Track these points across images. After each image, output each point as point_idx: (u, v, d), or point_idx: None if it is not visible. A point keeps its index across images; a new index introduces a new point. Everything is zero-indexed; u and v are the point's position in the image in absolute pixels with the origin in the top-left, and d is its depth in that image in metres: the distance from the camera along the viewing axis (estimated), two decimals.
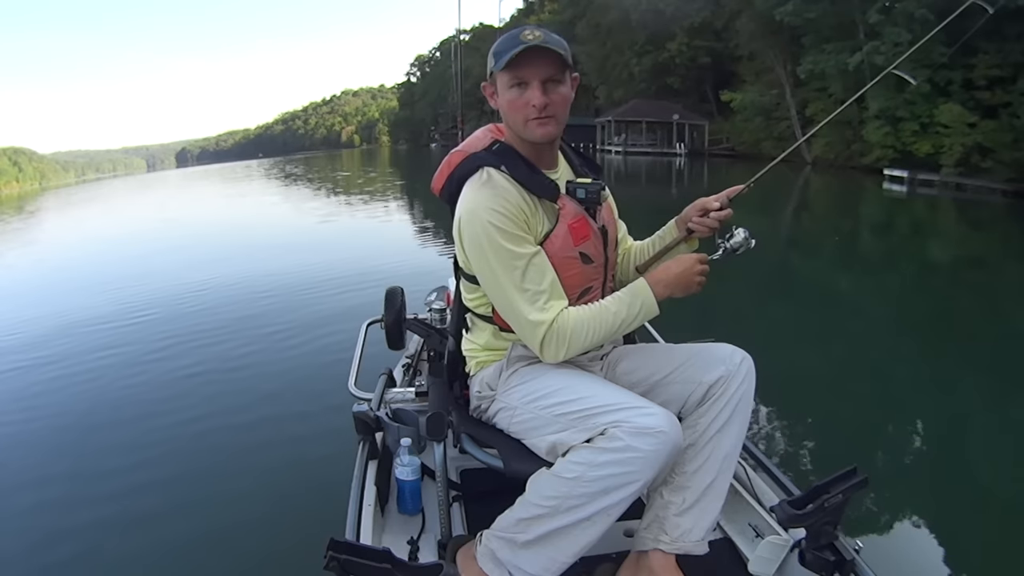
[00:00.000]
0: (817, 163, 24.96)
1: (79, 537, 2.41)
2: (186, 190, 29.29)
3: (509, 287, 1.24)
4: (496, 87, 1.31)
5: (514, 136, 1.34)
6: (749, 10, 26.82)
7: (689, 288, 1.30)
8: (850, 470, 1.34)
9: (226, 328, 5.03)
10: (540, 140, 1.30)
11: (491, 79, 1.31)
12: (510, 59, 1.22)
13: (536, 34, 1.24)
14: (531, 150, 1.33)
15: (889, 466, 2.93)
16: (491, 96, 1.33)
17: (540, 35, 1.23)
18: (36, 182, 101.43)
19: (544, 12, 53.41)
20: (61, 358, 4.52)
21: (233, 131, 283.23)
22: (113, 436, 3.26)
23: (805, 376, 4.06)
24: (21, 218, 23.17)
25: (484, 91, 1.35)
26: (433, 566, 1.17)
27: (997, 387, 3.96)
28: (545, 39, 1.23)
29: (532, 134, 1.29)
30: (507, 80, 1.26)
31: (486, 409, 1.41)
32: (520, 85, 1.26)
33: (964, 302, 6.50)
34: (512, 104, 1.27)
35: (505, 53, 1.24)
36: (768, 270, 7.29)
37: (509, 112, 1.29)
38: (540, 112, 1.25)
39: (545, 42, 1.22)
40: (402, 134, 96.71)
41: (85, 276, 8.23)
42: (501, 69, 1.25)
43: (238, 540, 2.34)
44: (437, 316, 2.32)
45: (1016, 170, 15.87)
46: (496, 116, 1.43)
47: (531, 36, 1.23)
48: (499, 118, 1.41)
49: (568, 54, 1.26)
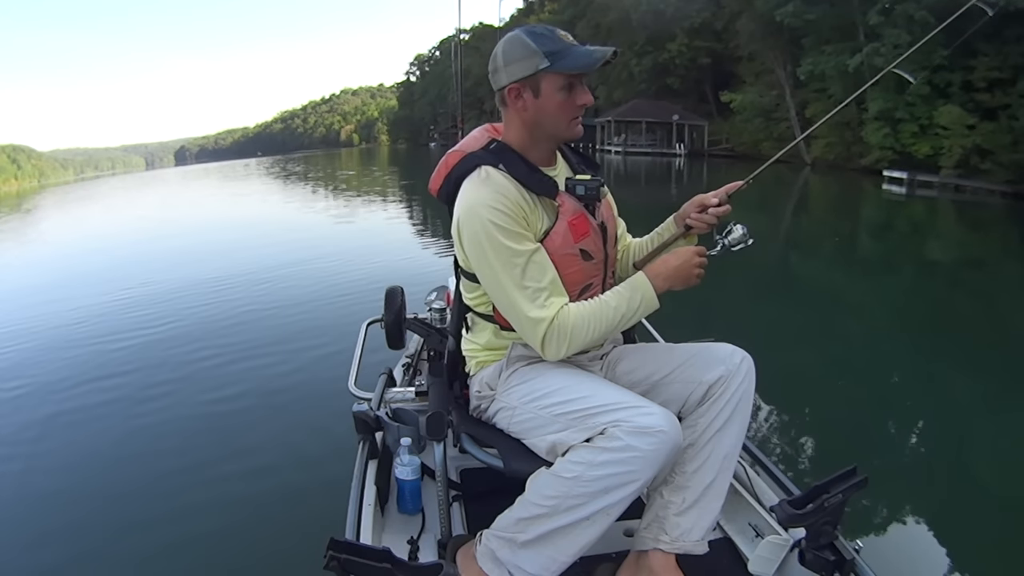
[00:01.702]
0: (816, 164, 24.99)
1: (79, 537, 2.41)
2: (185, 188, 29.24)
3: (509, 285, 1.24)
4: (533, 88, 1.26)
5: (515, 136, 1.33)
6: (749, 11, 26.85)
7: (688, 280, 1.30)
8: (850, 470, 1.34)
9: (225, 328, 5.03)
10: (576, 137, 1.33)
11: (529, 80, 1.25)
12: (589, 62, 1.23)
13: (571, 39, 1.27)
14: (531, 149, 1.33)
15: (889, 466, 2.93)
16: (518, 97, 1.28)
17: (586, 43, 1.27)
18: (35, 180, 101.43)
19: (544, 12, 53.36)
20: (61, 358, 4.51)
21: (232, 129, 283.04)
22: (112, 435, 3.26)
23: (805, 376, 4.06)
24: (18, 215, 23.11)
25: (508, 94, 1.28)
26: (433, 566, 1.17)
27: (996, 387, 3.96)
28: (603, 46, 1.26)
29: (574, 133, 1.31)
30: (561, 82, 1.25)
31: (486, 409, 1.41)
32: (571, 87, 1.26)
33: (963, 303, 6.51)
34: (562, 105, 1.27)
35: (563, 54, 1.23)
36: (768, 270, 7.29)
37: (557, 113, 1.28)
38: (581, 112, 1.29)
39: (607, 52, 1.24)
40: (401, 133, 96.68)
41: (84, 272, 8.21)
42: (566, 70, 1.24)
43: (238, 539, 2.34)
44: (437, 316, 2.32)
45: (1015, 172, 15.91)
46: (495, 116, 1.43)
47: (571, 41, 1.26)
48: (498, 118, 1.40)
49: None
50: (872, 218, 14.00)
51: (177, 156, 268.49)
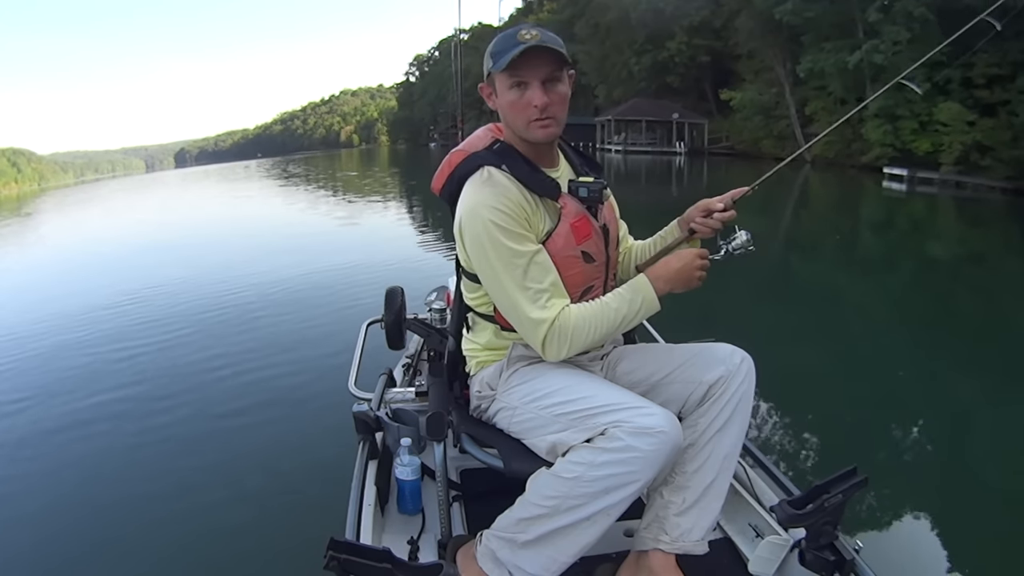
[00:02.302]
0: (816, 161, 24.96)
1: (79, 537, 2.41)
2: (185, 191, 29.22)
3: (510, 286, 1.24)
4: (494, 88, 1.29)
5: (514, 135, 1.33)
6: (748, 9, 26.81)
7: (690, 283, 1.30)
8: (850, 470, 1.34)
9: (225, 329, 5.03)
10: (543, 141, 1.30)
11: (488, 80, 1.30)
12: (510, 60, 1.21)
13: (533, 33, 1.22)
14: (532, 149, 1.33)
15: (889, 466, 2.93)
16: (489, 97, 1.32)
17: (537, 34, 1.22)
18: (35, 183, 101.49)
19: (543, 11, 53.35)
20: (60, 358, 4.52)
21: (232, 131, 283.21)
22: (112, 435, 3.26)
23: (805, 376, 4.06)
24: (17, 219, 23.11)
25: (481, 92, 1.34)
26: (433, 566, 1.17)
27: (997, 385, 3.96)
28: (543, 38, 1.22)
29: (535, 135, 1.28)
30: (507, 81, 1.25)
31: (486, 409, 1.40)
32: (520, 86, 1.25)
33: (964, 300, 6.50)
34: (513, 105, 1.27)
35: (503, 53, 1.22)
36: (768, 269, 7.29)
37: (510, 113, 1.29)
38: (542, 113, 1.25)
39: (543, 41, 1.21)
40: (401, 134, 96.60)
41: (85, 278, 8.22)
42: (501, 70, 1.24)
43: (238, 539, 2.34)
44: (437, 316, 2.32)
45: (1015, 168, 15.89)
46: (495, 116, 1.43)
47: (528, 35, 1.22)
48: (498, 118, 1.40)
49: (565, 51, 1.26)
50: (872, 215, 13.99)
51: (177, 158, 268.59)
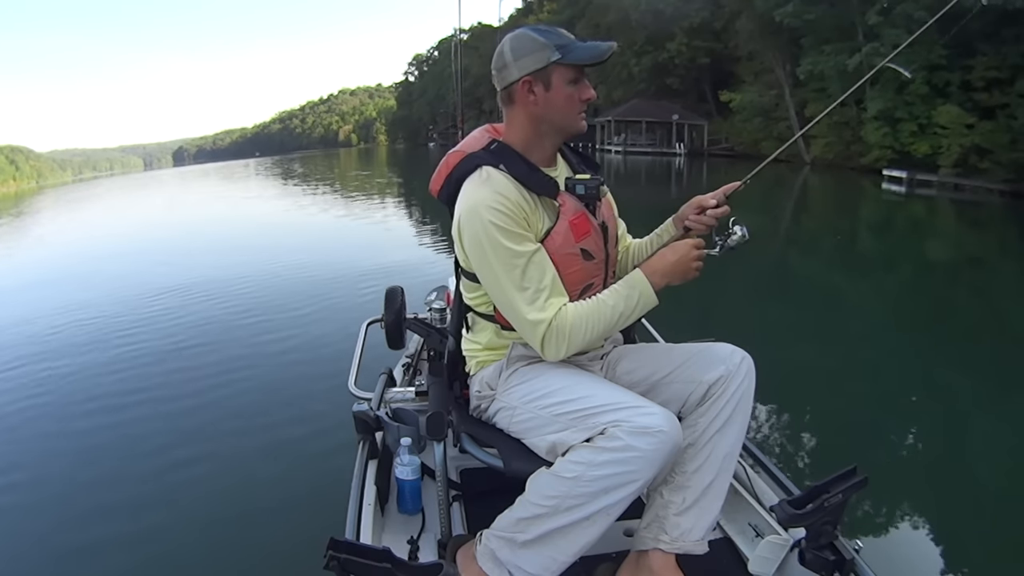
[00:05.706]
0: (816, 163, 24.99)
1: (79, 537, 2.41)
2: (184, 191, 29.19)
3: (509, 286, 1.24)
4: (544, 81, 1.27)
5: (519, 134, 1.33)
6: (748, 11, 26.81)
7: (687, 275, 1.30)
8: (850, 470, 1.34)
9: (225, 328, 5.03)
10: (583, 131, 1.34)
11: (539, 73, 1.27)
12: (596, 54, 1.26)
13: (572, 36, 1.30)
14: (534, 148, 1.33)
15: (889, 466, 2.93)
16: (528, 91, 1.28)
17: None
18: (33, 180, 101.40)
19: (543, 12, 53.28)
20: (61, 358, 4.51)
21: (230, 130, 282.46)
22: (112, 436, 3.26)
23: (805, 376, 4.06)
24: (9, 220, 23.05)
25: (521, 87, 1.28)
26: (433, 566, 1.17)
27: (996, 386, 3.97)
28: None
29: (580, 126, 1.33)
30: (570, 75, 1.28)
31: (486, 409, 1.40)
32: (576, 80, 1.28)
33: (962, 302, 6.51)
34: (570, 98, 1.29)
35: (571, 48, 1.26)
36: (768, 270, 7.30)
37: (565, 106, 1.30)
38: (586, 107, 1.31)
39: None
40: (399, 133, 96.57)
41: (86, 273, 8.21)
42: (573, 63, 1.26)
43: (238, 539, 2.34)
44: (437, 316, 2.32)
45: (1014, 171, 15.91)
46: (495, 116, 1.43)
47: (573, 37, 1.29)
48: (498, 117, 1.40)
49: None
50: (871, 217, 14.01)
51: (175, 157, 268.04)
